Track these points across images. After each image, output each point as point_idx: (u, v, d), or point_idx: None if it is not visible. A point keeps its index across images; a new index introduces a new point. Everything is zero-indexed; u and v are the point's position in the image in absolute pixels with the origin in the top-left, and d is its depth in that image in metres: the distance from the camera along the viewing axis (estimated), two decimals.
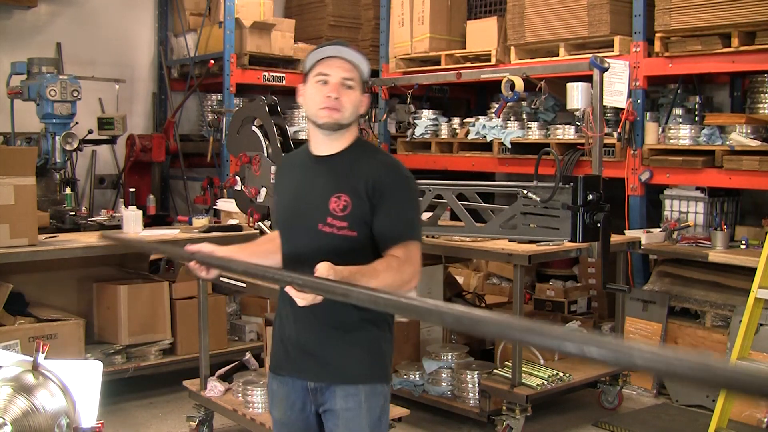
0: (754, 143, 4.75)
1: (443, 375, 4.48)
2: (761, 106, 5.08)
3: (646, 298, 5.10)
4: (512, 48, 5.96)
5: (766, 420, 4.22)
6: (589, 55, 4.50)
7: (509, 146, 5.99)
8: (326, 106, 2.18)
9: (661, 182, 5.26)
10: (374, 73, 6.89)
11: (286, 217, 2.34)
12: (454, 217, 4.48)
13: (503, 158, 6.05)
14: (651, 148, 5.20)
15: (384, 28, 6.87)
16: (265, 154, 4.40)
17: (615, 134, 5.33)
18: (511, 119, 6.14)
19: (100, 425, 1.56)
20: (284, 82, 6.69)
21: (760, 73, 5.04)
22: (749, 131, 4.86)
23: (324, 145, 2.27)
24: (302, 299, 1.93)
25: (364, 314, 2.23)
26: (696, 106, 5.52)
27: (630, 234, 5.05)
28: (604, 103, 4.83)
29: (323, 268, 1.87)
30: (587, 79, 4.67)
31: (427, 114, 6.73)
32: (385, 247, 2.16)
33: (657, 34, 5.04)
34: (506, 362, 4.35)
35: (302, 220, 2.23)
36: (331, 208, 2.18)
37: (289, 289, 1.89)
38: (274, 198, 2.47)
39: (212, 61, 6.35)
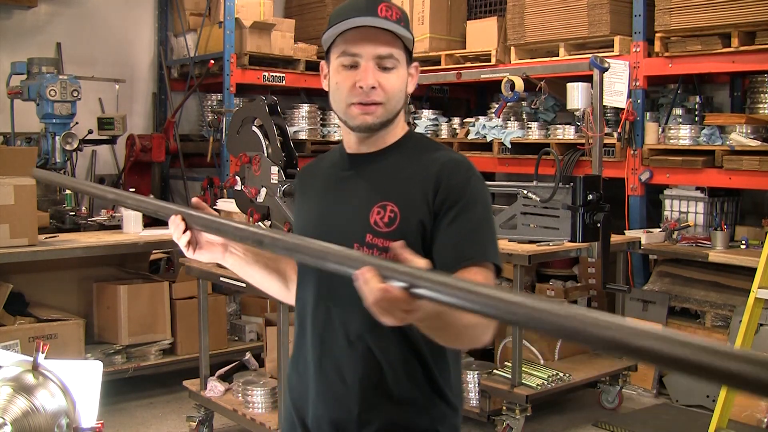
0: (754, 143, 4.75)
1: None
2: (761, 106, 5.08)
3: (646, 298, 5.10)
4: (512, 48, 5.96)
5: (766, 420, 4.22)
6: (589, 55, 4.50)
7: (509, 146, 5.99)
8: (359, 101, 1.60)
9: (661, 182, 5.26)
10: None
11: (310, 235, 1.54)
12: None
13: (503, 158, 6.05)
14: (651, 148, 5.20)
15: None
16: (265, 154, 4.39)
17: (615, 134, 5.33)
18: (511, 119, 6.15)
19: (100, 425, 1.56)
20: (284, 82, 6.68)
21: (760, 73, 5.04)
22: (749, 131, 4.86)
23: (362, 143, 1.70)
24: (385, 307, 1.15)
25: (436, 381, 1.61)
26: (696, 106, 5.52)
27: (630, 234, 5.05)
28: (604, 103, 4.82)
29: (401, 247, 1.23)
30: (587, 79, 4.67)
31: (427, 114, 6.74)
32: (452, 272, 1.50)
33: (657, 34, 5.04)
34: (506, 362, 4.35)
35: (332, 239, 1.44)
36: (373, 222, 1.60)
37: (362, 277, 1.16)
38: (294, 213, 1.89)
39: (212, 61, 6.35)
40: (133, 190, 5.46)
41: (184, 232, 1.67)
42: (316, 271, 1.66)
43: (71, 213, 5.10)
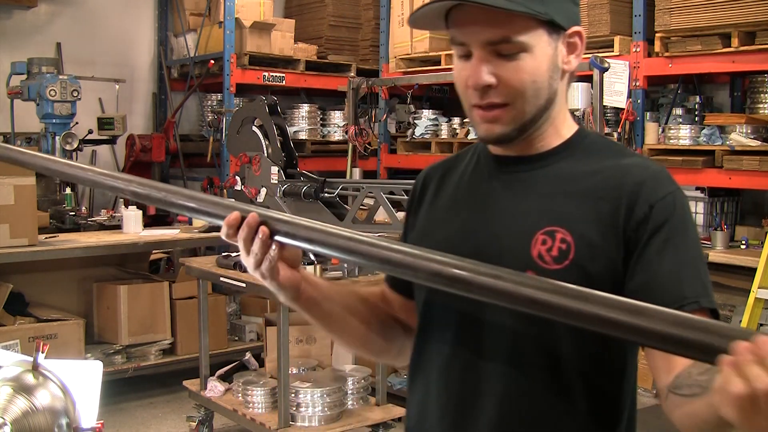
0: (754, 143, 4.75)
1: None
2: (761, 106, 5.08)
3: None
4: None
5: None
6: (589, 55, 4.50)
7: None
8: (475, 103, 1.21)
9: None
10: (374, 73, 6.89)
11: None
12: None
13: None
14: (651, 148, 5.20)
15: (384, 28, 6.86)
16: (265, 154, 4.40)
17: (615, 134, 5.33)
18: None
19: (100, 425, 1.56)
20: (284, 82, 6.68)
21: (760, 73, 5.04)
22: (749, 131, 4.86)
23: (512, 146, 1.26)
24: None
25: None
26: (696, 106, 5.53)
27: None
28: (604, 103, 4.83)
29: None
30: (587, 79, 4.67)
31: (427, 114, 6.73)
32: None
33: (657, 34, 5.04)
34: None
35: None
36: (536, 254, 1.18)
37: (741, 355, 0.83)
38: (412, 226, 1.40)
39: (212, 61, 6.35)
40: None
41: (268, 249, 1.18)
42: (455, 312, 1.25)
43: (71, 213, 5.10)
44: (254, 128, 4.47)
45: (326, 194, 4.26)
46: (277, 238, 1.18)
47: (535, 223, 1.20)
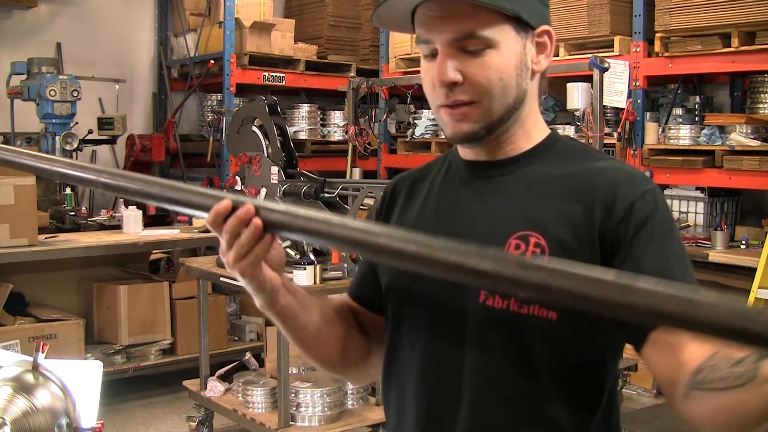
0: (754, 143, 4.76)
1: None
2: (761, 106, 5.08)
3: None
4: None
5: None
6: (589, 55, 4.50)
7: None
8: (442, 103, 1.18)
9: (661, 182, 5.25)
10: (374, 73, 6.89)
11: (408, 280, 1.23)
12: None
13: None
14: (651, 148, 5.20)
15: None
16: (265, 154, 4.40)
17: (615, 134, 5.33)
18: None
19: (100, 425, 1.56)
20: (284, 82, 6.69)
21: (760, 73, 5.04)
22: (749, 131, 4.86)
23: (481, 150, 1.24)
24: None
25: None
26: (696, 106, 5.53)
27: None
28: (604, 103, 4.83)
29: None
30: (587, 79, 4.67)
31: (427, 114, 6.73)
32: (642, 334, 1.09)
33: (657, 34, 5.04)
34: None
35: (444, 287, 1.08)
36: None
37: None
38: None
39: (212, 61, 6.35)
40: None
41: (257, 242, 1.07)
42: (426, 321, 1.21)
43: (71, 213, 5.10)
44: (254, 128, 4.47)
45: (326, 194, 4.25)
46: (270, 230, 1.08)
47: (508, 228, 1.16)
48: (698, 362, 1.02)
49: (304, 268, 3.51)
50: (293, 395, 3.65)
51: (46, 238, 4.49)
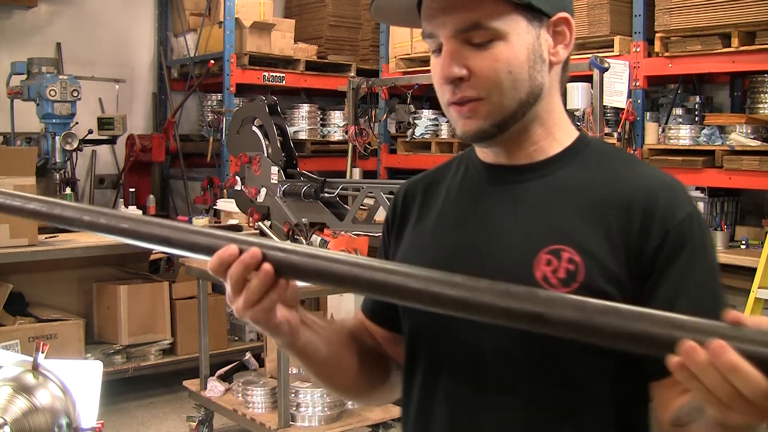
0: (754, 143, 4.76)
1: None
2: (761, 106, 5.08)
3: None
4: None
5: None
6: (589, 55, 4.50)
7: None
8: (450, 100, 1.10)
9: None
10: (374, 73, 6.89)
11: None
12: None
13: None
14: (651, 148, 5.20)
15: (384, 28, 6.86)
16: (265, 154, 4.40)
17: (615, 134, 5.33)
18: None
19: (100, 425, 1.56)
20: (284, 82, 6.69)
21: (760, 73, 5.04)
22: (749, 131, 4.86)
23: (503, 152, 1.15)
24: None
25: None
26: (696, 106, 5.53)
27: None
28: (604, 103, 4.83)
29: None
30: (587, 79, 4.67)
31: (427, 114, 6.73)
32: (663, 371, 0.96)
33: (657, 34, 5.04)
34: None
35: None
36: (541, 277, 1.06)
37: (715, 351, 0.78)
38: (394, 258, 1.24)
39: (212, 61, 6.35)
40: (133, 190, 5.46)
41: (268, 289, 0.98)
42: (449, 340, 1.12)
43: None
44: (254, 128, 4.48)
45: (326, 194, 4.26)
46: (284, 275, 0.98)
47: (537, 241, 1.06)
48: (682, 402, 1.00)
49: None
50: (293, 395, 3.65)
51: (46, 238, 4.49)
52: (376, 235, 3.80)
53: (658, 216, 1.05)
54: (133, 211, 4.98)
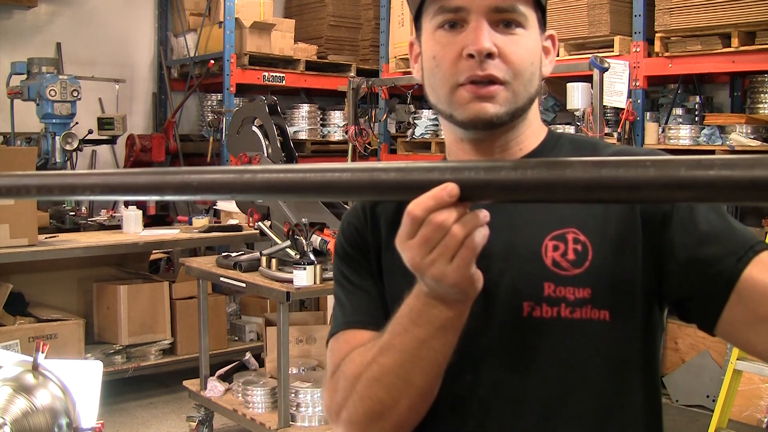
0: (754, 143, 4.76)
1: None
2: (761, 106, 5.08)
3: None
4: None
5: (766, 420, 4.22)
6: (589, 55, 4.50)
7: None
8: (469, 78, 1.03)
9: None
10: (374, 73, 6.89)
11: None
12: None
13: None
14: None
15: (384, 28, 6.86)
16: (265, 154, 4.40)
17: (615, 134, 5.33)
18: None
19: (100, 425, 1.56)
20: (284, 82, 6.69)
21: (760, 73, 5.04)
22: (749, 131, 4.87)
23: (482, 151, 1.12)
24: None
25: None
26: (696, 106, 5.53)
27: None
28: (604, 103, 4.83)
29: None
30: (587, 79, 4.67)
31: (427, 114, 6.73)
32: (735, 279, 0.97)
33: (657, 34, 5.04)
34: None
35: (488, 303, 1.05)
36: (551, 262, 1.05)
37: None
38: (386, 274, 1.17)
39: (212, 61, 6.35)
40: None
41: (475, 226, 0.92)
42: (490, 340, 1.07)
43: (71, 213, 5.10)
44: (254, 128, 4.48)
45: None
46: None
47: (541, 230, 1.06)
48: None
49: (304, 269, 3.50)
50: (293, 395, 3.65)
51: (46, 238, 4.49)
52: None
53: None
54: (133, 211, 4.98)
